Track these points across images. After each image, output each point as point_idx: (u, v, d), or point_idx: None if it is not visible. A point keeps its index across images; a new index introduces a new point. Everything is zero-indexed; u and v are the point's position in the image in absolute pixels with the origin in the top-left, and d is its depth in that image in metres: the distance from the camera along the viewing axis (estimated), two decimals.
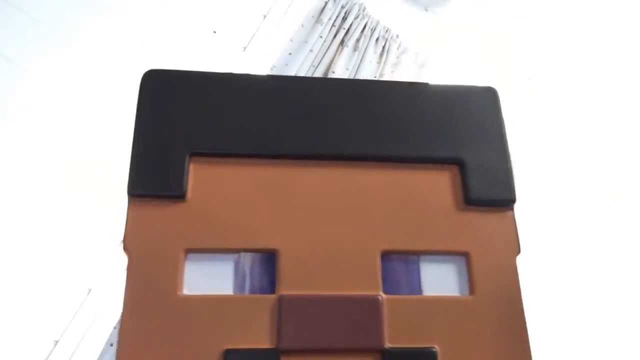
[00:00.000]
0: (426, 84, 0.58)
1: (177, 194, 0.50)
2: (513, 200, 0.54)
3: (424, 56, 1.88)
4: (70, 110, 1.56)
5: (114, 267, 1.44)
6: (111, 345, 1.30)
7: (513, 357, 0.49)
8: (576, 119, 2.20)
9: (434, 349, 0.48)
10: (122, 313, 0.46)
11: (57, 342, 1.39)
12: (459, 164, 0.54)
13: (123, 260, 0.48)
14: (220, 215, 0.50)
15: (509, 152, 0.55)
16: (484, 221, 0.53)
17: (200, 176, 0.51)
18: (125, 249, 0.48)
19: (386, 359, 0.47)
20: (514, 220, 0.54)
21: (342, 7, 1.82)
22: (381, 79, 1.74)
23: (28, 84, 1.54)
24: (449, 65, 1.97)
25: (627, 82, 2.26)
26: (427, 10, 2.05)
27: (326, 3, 1.81)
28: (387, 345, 0.48)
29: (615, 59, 2.27)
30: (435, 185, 0.54)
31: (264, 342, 0.47)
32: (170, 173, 0.50)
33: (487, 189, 0.53)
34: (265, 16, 1.79)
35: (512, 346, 0.49)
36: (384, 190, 0.53)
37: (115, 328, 1.33)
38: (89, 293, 1.43)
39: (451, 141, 0.55)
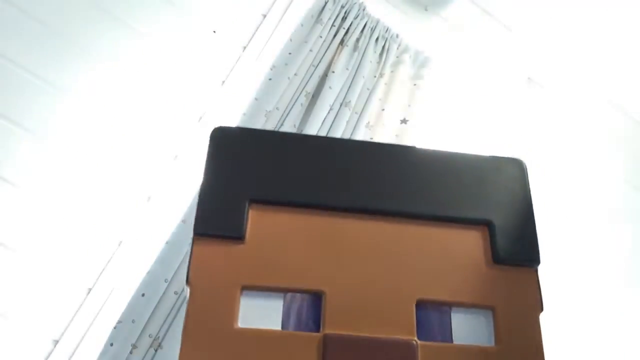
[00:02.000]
0: (460, 154, 0.64)
1: (237, 236, 0.56)
2: (538, 261, 0.59)
3: (424, 56, 1.89)
4: (72, 111, 1.56)
5: (114, 268, 1.45)
6: (111, 345, 1.31)
7: None
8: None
9: None
10: (182, 341, 0.51)
11: (57, 342, 1.39)
12: (488, 225, 0.60)
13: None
14: (274, 257, 0.55)
15: (534, 217, 0.61)
16: (510, 279, 0.58)
17: (257, 221, 0.57)
18: (188, 282, 0.54)
19: None
20: (538, 280, 0.58)
21: (342, 6, 1.83)
22: (381, 78, 1.75)
23: (38, 90, 1.54)
24: (448, 65, 1.98)
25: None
26: (426, 10, 2.06)
27: (326, 3, 1.81)
28: None
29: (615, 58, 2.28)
30: (466, 243, 0.59)
31: None
32: (231, 216, 0.56)
33: (514, 249, 0.59)
34: (265, 16, 1.79)
35: None
36: (420, 244, 0.58)
37: (115, 328, 1.34)
38: (88, 293, 1.44)
39: (481, 204, 0.61)
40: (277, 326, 0.53)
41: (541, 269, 0.59)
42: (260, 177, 0.59)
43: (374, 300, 0.55)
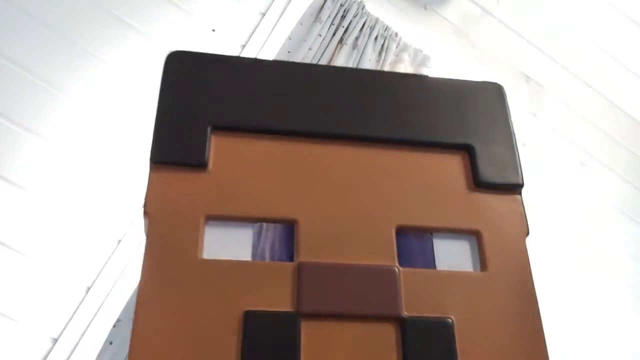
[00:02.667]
0: (439, 78, 0.61)
1: (199, 163, 0.51)
2: (521, 185, 0.56)
3: (423, 54, 1.89)
4: (74, 112, 1.57)
5: (113, 266, 1.44)
6: (110, 343, 1.29)
7: (525, 329, 0.50)
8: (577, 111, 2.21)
9: (451, 319, 0.49)
10: (142, 275, 0.47)
11: (55, 340, 1.38)
12: (468, 149, 0.57)
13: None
14: (241, 185, 0.51)
15: (515, 140, 0.58)
16: (493, 203, 0.55)
17: (221, 149, 0.53)
18: (145, 212, 0.49)
19: (405, 327, 0.48)
20: (522, 204, 0.56)
21: (341, 5, 1.83)
22: None
23: (39, 89, 1.55)
24: (447, 64, 1.98)
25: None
26: (426, 9, 2.07)
27: (325, 1, 1.82)
28: (405, 314, 0.48)
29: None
30: (446, 168, 0.56)
31: (283, 306, 0.47)
32: (192, 143, 0.52)
33: (496, 173, 0.56)
34: (263, 14, 1.80)
35: (525, 319, 0.50)
36: (398, 170, 0.55)
37: (114, 327, 1.32)
38: (87, 291, 1.43)
39: (460, 129, 0.58)
40: (246, 257, 0.49)
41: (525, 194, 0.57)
42: (223, 102, 0.54)
43: (351, 227, 0.51)
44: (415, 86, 0.59)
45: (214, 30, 1.74)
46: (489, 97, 0.60)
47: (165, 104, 0.53)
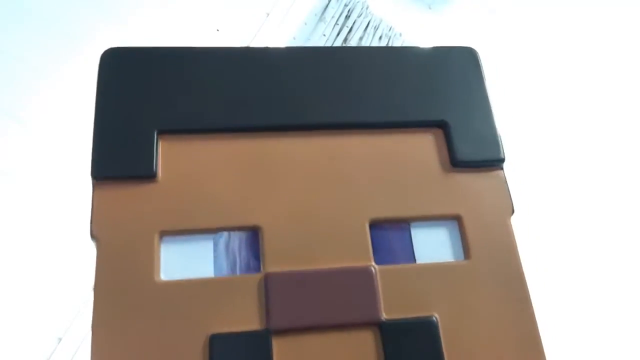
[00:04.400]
0: (403, 47, 0.55)
1: (147, 174, 0.46)
2: (502, 160, 0.51)
3: None
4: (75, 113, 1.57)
5: None
6: None
7: (516, 317, 0.46)
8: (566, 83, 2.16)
9: (434, 318, 0.45)
10: (94, 306, 0.42)
11: (60, 339, 1.38)
12: (442, 126, 0.52)
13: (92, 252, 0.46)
14: (195, 194, 0.47)
15: (493, 112, 0.53)
16: (474, 183, 0.50)
17: (170, 155, 0.48)
18: (92, 236, 0.44)
19: (384, 332, 0.44)
20: (505, 180, 0.51)
21: (346, 5, 1.81)
22: None
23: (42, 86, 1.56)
24: None
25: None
26: (430, 8, 2.04)
27: (329, 1, 1.80)
28: (384, 317, 0.45)
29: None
30: (420, 149, 0.51)
31: (252, 324, 0.43)
32: (137, 152, 0.46)
33: (474, 149, 0.51)
34: (268, 14, 1.79)
35: (514, 306, 0.47)
36: (367, 157, 0.50)
37: None
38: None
39: (433, 103, 0.52)
40: (209, 273, 0.45)
41: (508, 168, 0.52)
42: (168, 102, 0.49)
43: (320, 227, 0.47)
44: (379, 60, 0.53)
45: (218, 30, 1.72)
46: (463, 65, 0.55)
47: (103, 111, 0.48)
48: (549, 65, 2.18)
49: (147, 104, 0.49)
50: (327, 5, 1.79)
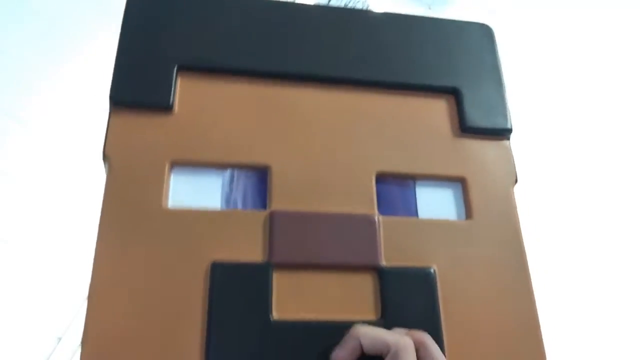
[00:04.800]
0: (424, 17, 0.57)
1: (164, 105, 0.47)
2: (509, 130, 0.53)
3: None
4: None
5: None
6: None
7: (511, 279, 0.47)
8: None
9: (432, 269, 0.46)
10: (100, 226, 0.43)
11: (60, 339, 1.35)
12: (455, 93, 0.54)
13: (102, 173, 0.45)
14: (209, 129, 0.47)
15: (504, 84, 0.55)
16: (480, 149, 0.52)
17: (188, 91, 0.48)
18: (104, 157, 0.45)
19: (382, 277, 0.45)
20: (510, 150, 0.53)
21: (346, 4, 1.87)
22: None
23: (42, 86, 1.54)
24: None
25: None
26: (430, 9, 2.12)
27: (329, 0, 1.87)
28: (384, 263, 0.45)
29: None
30: (431, 112, 0.53)
31: (254, 256, 0.44)
32: (156, 83, 0.47)
33: (483, 117, 0.53)
34: None
35: (511, 268, 0.48)
36: (380, 115, 0.51)
37: None
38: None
39: (447, 71, 0.54)
40: (215, 206, 0.46)
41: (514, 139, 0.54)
42: (190, 40, 0.50)
43: (328, 173, 0.48)
44: (399, 25, 0.56)
45: None
46: (478, 39, 0.57)
47: (127, 41, 0.49)
48: (549, 65, 2.24)
49: (170, 40, 0.49)
50: (328, 4, 1.84)
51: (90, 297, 0.41)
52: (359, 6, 1.79)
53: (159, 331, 0.40)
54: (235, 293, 0.42)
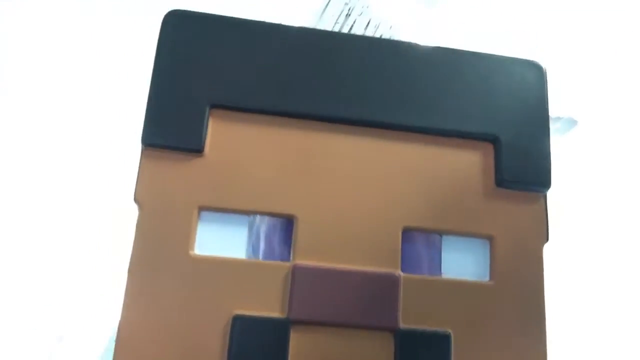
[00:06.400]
0: (465, 51, 0.53)
1: (195, 148, 0.46)
2: (547, 185, 0.50)
3: None
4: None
5: (119, 264, 1.42)
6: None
7: (528, 348, 0.47)
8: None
9: (448, 332, 0.46)
10: (130, 268, 0.44)
11: (61, 338, 1.37)
12: (494, 141, 0.51)
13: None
14: (239, 174, 0.47)
15: (549, 134, 0.51)
16: (514, 205, 0.50)
17: (220, 131, 0.48)
18: (136, 200, 0.46)
19: (398, 339, 0.45)
20: (545, 207, 0.50)
21: (346, 4, 1.81)
22: None
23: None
24: None
25: None
26: (431, 8, 2.04)
27: (328, 3, 1.81)
28: (401, 325, 0.46)
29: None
30: (466, 163, 0.50)
31: (274, 310, 0.45)
32: (188, 124, 0.47)
33: (522, 170, 0.50)
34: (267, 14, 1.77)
35: (528, 337, 0.47)
36: (411, 163, 0.50)
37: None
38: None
39: (488, 116, 0.51)
40: (240, 254, 0.46)
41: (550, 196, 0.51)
42: (226, 76, 0.48)
43: (354, 227, 0.47)
44: (441, 62, 0.52)
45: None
46: (526, 80, 0.52)
47: (160, 78, 0.47)
48: (548, 65, 2.18)
49: (204, 76, 0.48)
50: (327, 4, 1.79)
51: (118, 339, 0.43)
52: (359, 5, 1.71)
53: None
54: (254, 347, 0.43)
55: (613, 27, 1.87)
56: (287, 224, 0.48)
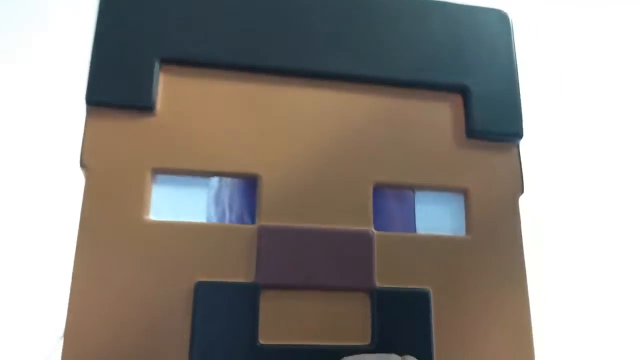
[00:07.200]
0: (432, 1, 0.51)
1: (145, 105, 0.43)
2: (519, 135, 0.49)
3: None
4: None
5: None
6: None
7: (510, 300, 0.45)
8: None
9: (427, 290, 0.44)
10: (78, 238, 0.40)
11: (61, 338, 1.33)
12: (463, 91, 0.49)
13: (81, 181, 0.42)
14: (195, 133, 0.43)
15: (518, 82, 0.50)
16: (486, 156, 0.48)
17: (171, 87, 0.44)
18: (82, 165, 0.41)
19: (375, 299, 0.43)
20: (519, 157, 0.49)
21: None
22: None
23: None
24: None
25: None
26: None
27: None
28: (377, 284, 0.43)
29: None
30: (436, 114, 0.48)
31: (240, 275, 0.41)
32: (137, 80, 0.43)
33: (492, 120, 0.48)
34: None
35: (509, 289, 0.46)
36: (379, 116, 0.47)
37: None
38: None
39: (456, 66, 0.49)
40: (200, 218, 0.43)
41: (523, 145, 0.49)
42: (175, 29, 0.44)
43: (322, 184, 0.44)
44: (404, 11, 0.49)
45: None
46: (492, 28, 0.51)
47: (103, 32, 0.43)
48: (548, 64, 2.19)
49: (152, 29, 0.44)
50: None
51: (68, 313, 0.39)
52: None
53: (140, 352, 0.39)
54: (220, 315, 0.40)
55: None
56: (249, 185, 0.44)
